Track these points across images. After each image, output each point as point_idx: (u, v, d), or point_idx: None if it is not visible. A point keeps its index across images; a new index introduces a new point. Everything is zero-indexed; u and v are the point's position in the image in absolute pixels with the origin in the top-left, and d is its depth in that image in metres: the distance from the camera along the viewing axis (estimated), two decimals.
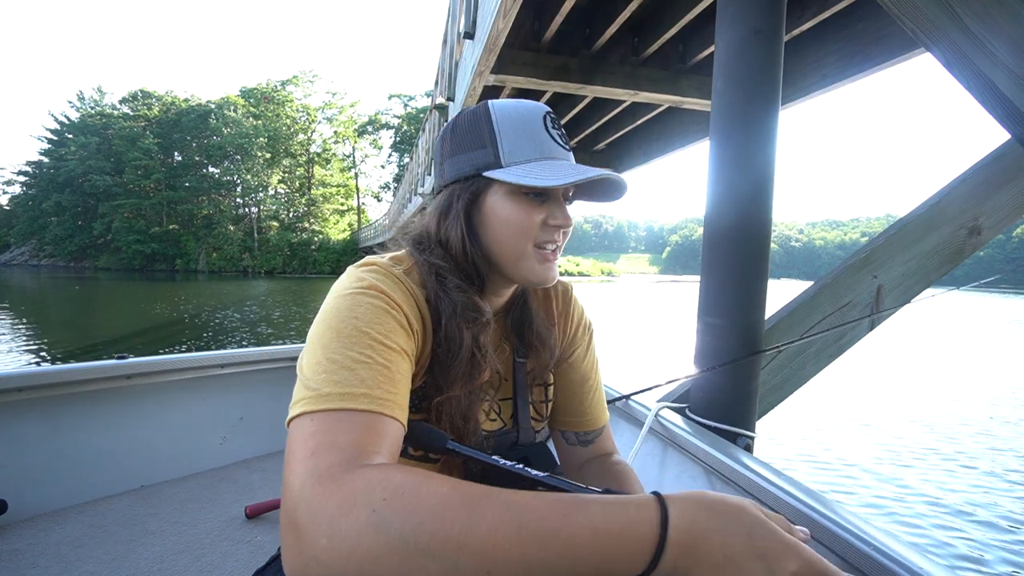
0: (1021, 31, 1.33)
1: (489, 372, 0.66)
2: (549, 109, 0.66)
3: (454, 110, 5.86)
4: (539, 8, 3.67)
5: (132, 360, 1.58)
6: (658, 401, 1.37)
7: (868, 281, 1.50)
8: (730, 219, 1.33)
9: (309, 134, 50.27)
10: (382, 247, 0.80)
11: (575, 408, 0.81)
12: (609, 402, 1.47)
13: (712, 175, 1.36)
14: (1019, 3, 1.35)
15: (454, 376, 0.63)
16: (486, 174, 0.63)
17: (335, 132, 51.91)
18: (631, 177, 7.65)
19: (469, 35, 4.00)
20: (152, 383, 1.64)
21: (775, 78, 1.29)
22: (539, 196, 0.64)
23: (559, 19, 3.46)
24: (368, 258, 0.64)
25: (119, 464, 1.58)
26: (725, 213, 1.34)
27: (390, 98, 55.02)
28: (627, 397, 1.38)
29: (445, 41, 6.37)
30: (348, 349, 0.51)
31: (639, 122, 5.80)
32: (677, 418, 1.28)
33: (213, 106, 46.90)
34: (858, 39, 2.94)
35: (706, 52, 3.92)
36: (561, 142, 0.65)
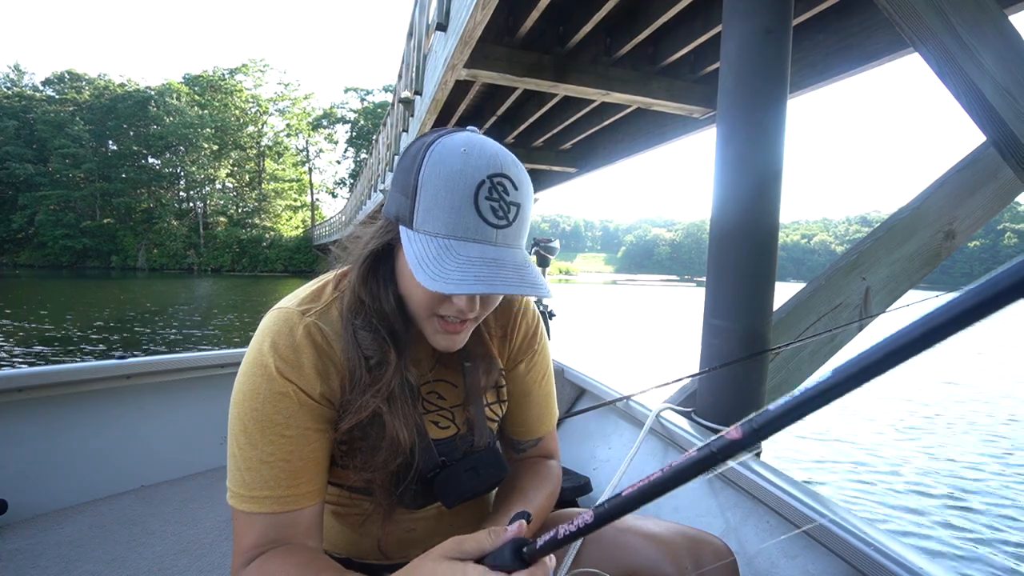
0: (1006, 43, 1.39)
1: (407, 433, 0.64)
2: (498, 173, 0.55)
3: (422, 104, 5.71)
4: (514, 1, 3.61)
5: (132, 360, 1.58)
6: (664, 402, 1.35)
7: (857, 283, 1.53)
8: (737, 220, 1.32)
9: (260, 126, 48.01)
10: (338, 245, 0.75)
11: (510, 418, 0.80)
12: (609, 402, 1.44)
13: (719, 175, 1.34)
14: (1003, 16, 1.41)
15: (372, 461, 0.63)
16: (401, 228, 0.57)
17: (287, 125, 49.84)
18: (596, 177, 7.71)
19: (441, 26, 3.89)
20: (152, 383, 1.64)
21: (783, 76, 1.28)
22: None
23: (535, 14, 3.41)
24: (284, 302, 0.65)
25: (119, 464, 1.58)
26: (732, 213, 1.33)
27: (346, 91, 53.61)
28: (627, 398, 1.37)
29: (411, 32, 6.19)
30: (253, 448, 0.59)
31: (606, 123, 5.85)
32: (679, 419, 1.27)
33: (153, 93, 43.87)
34: (850, 35, 3.05)
35: (677, 55, 3.98)
36: (493, 218, 0.55)
